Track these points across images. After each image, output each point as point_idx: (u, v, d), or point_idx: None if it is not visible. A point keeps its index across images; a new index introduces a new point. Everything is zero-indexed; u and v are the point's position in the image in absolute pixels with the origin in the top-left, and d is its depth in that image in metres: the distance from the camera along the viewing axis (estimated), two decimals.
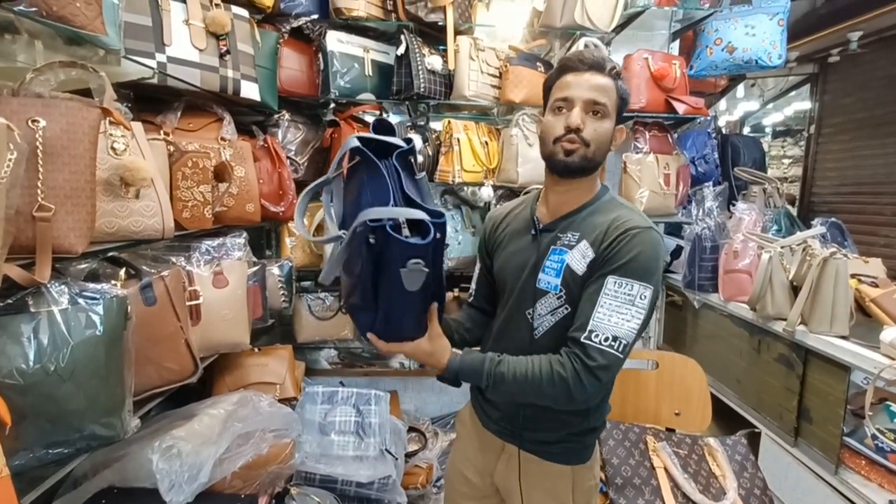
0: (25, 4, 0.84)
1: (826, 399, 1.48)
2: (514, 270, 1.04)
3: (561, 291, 0.95)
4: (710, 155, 2.40)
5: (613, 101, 0.92)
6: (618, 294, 0.86)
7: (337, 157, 0.89)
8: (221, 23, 1.38)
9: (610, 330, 0.85)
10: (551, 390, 0.87)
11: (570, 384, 0.86)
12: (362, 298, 0.87)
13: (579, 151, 0.91)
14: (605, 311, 0.86)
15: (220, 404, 1.37)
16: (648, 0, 1.88)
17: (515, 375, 0.90)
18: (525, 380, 0.89)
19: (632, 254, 0.87)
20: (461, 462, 1.17)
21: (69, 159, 0.86)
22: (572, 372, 0.86)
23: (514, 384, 0.90)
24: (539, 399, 0.91)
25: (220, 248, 1.45)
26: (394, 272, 0.79)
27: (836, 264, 1.48)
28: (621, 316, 0.85)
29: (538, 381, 0.88)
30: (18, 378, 0.80)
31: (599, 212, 0.96)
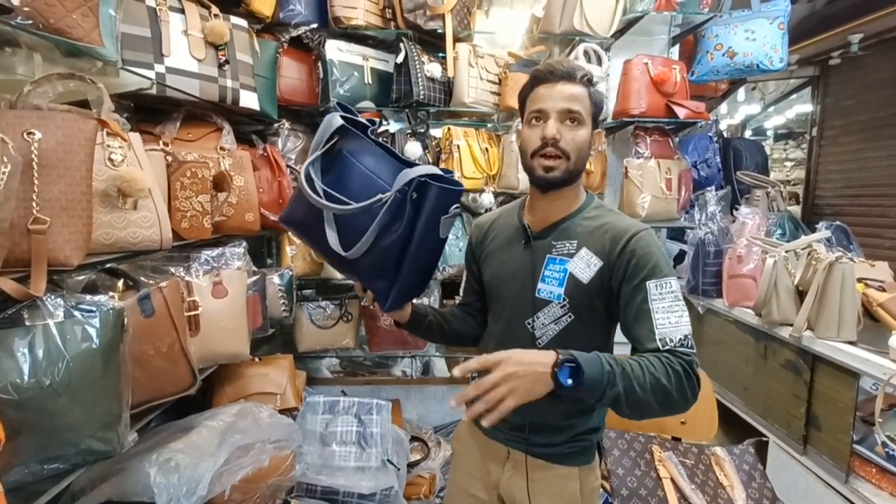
0: (22, 17, 0.84)
1: (835, 406, 1.46)
2: (507, 279, 1.03)
3: (564, 300, 0.94)
4: (712, 159, 2.39)
5: (587, 107, 0.93)
6: (664, 295, 0.86)
7: (320, 136, 0.89)
8: (220, 33, 1.38)
9: (679, 331, 0.85)
10: (668, 383, 0.79)
11: (683, 379, 0.81)
12: (386, 262, 0.89)
13: (560, 167, 0.92)
14: (662, 315, 0.86)
15: (219, 416, 1.36)
16: (647, 5, 1.87)
17: (632, 366, 0.80)
18: (646, 370, 0.79)
19: (652, 255, 0.88)
20: (464, 480, 1.14)
21: (65, 171, 0.85)
22: (681, 367, 0.81)
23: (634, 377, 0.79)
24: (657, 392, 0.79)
25: (220, 257, 1.45)
26: (433, 222, 0.87)
27: (842, 268, 1.46)
28: (674, 314, 0.86)
29: (656, 373, 0.80)
30: (13, 393, 0.79)
31: (590, 218, 0.97)
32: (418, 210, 0.86)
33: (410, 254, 0.89)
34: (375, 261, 0.88)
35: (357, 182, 0.87)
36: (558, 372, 0.76)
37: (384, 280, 0.91)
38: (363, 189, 0.86)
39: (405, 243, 0.88)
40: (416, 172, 0.84)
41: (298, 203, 0.92)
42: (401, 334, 2.09)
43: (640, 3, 1.88)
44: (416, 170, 0.85)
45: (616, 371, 0.78)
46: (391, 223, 0.85)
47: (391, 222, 0.85)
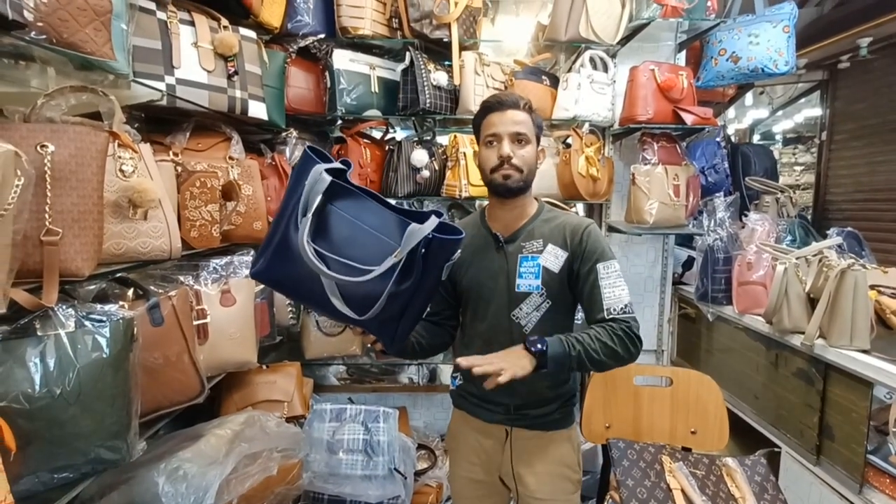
0: (36, 32, 0.86)
1: (848, 415, 1.43)
2: (487, 282, 1.18)
3: (542, 290, 1.14)
4: (720, 165, 2.38)
5: (531, 129, 1.14)
6: (609, 274, 1.09)
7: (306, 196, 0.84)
8: (229, 45, 1.40)
9: (621, 301, 1.07)
10: (613, 343, 1.03)
11: (627, 342, 1.04)
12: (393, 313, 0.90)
13: (515, 177, 1.11)
14: (608, 290, 1.08)
15: (226, 424, 1.36)
16: (653, 12, 1.87)
17: (582, 338, 1.03)
18: (595, 339, 1.03)
19: (599, 243, 1.12)
20: (465, 469, 1.28)
21: (77, 183, 0.87)
22: (623, 332, 1.04)
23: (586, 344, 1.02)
24: (607, 353, 1.03)
25: (228, 266, 1.46)
26: (439, 270, 0.91)
27: (854, 276, 1.44)
28: (618, 287, 1.08)
29: (603, 339, 1.03)
30: (25, 403, 0.80)
31: (547, 220, 1.18)
32: (426, 263, 0.88)
33: (416, 302, 0.92)
34: (381, 313, 0.87)
35: (361, 241, 0.86)
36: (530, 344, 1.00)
37: (389, 327, 0.93)
38: (369, 249, 0.85)
39: (412, 294, 0.89)
40: (426, 230, 0.84)
41: (280, 260, 0.86)
42: None
43: (646, 10, 1.89)
44: (425, 227, 0.84)
45: (574, 346, 1.01)
46: (402, 281, 0.86)
47: (402, 280, 0.86)
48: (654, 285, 2.33)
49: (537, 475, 1.19)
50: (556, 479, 1.20)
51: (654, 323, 2.35)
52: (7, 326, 0.82)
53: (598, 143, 2.06)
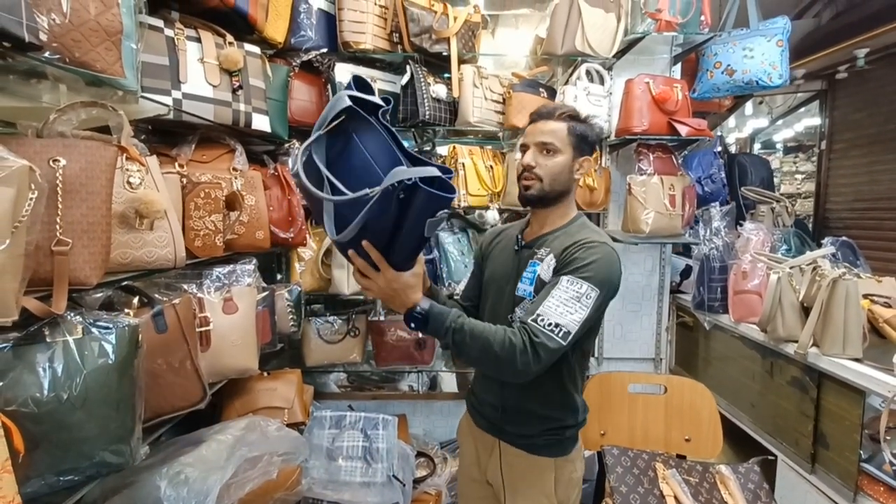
0: (50, 52, 0.90)
1: (842, 424, 1.44)
2: (498, 280, 1.21)
3: (533, 297, 1.09)
4: (716, 174, 2.41)
5: (562, 139, 1.11)
6: (568, 290, 0.99)
7: (325, 114, 0.88)
8: (234, 60, 1.45)
9: (554, 318, 0.97)
10: (501, 352, 0.95)
11: (517, 351, 0.95)
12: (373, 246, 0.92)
13: (535, 186, 1.12)
14: (553, 303, 0.98)
15: (228, 430, 1.38)
16: (648, 26, 1.91)
17: (473, 331, 0.98)
18: (481, 336, 0.97)
19: (586, 260, 1.02)
20: (466, 466, 1.31)
21: (87, 196, 0.90)
22: (520, 342, 0.96)
23: (470, 339, 0.97)
24: (487, 360, 0.98)
25: (231, 274, 1.49)
26: (419, 223, 0.87)
27: (845, 285, 1.46)
28: (567, 308, 0.97)
29: (491, 342, 0.96)
30: (33, 406, 0.82)
31: (569, 234, 1.12)
32: (405, 209, 0.86)
33: (394, 248, 0.92)
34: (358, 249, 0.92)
35: (357, 165, 0.88)
36: (409, 316, 0.99)
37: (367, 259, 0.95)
38: (361, 175, 0.86)
39: (390, 238, 0.91)
40: (407, 174, 0.82)
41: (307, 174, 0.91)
42: (407, 349, 2.11)
43: (641, 24, 1.93)
44: (408, 171, 0.82)
45: (454, 331, 0.97)
46: (378, 217, 0.86)
47: (377, 216, 0.86)
48: (651, 294, 2.35)
49: (516, 494, 1.16)
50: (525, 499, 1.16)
51: (651, 331, 2.36)
52: (18, 333, 0.85)
53: (595, 153, 2.09)
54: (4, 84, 0.99)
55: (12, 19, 0.75)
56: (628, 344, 2.37)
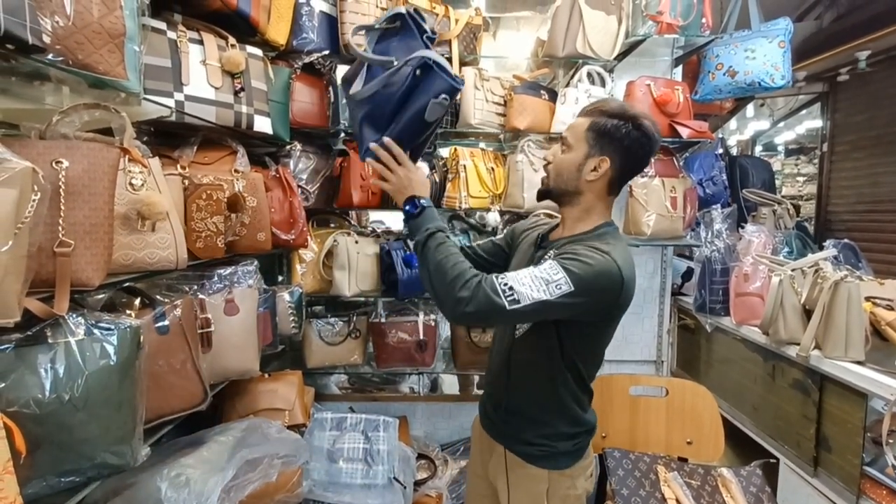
0: (54, 55, 0.91)
1: (844, 427, 1.44)
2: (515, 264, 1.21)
3: None
4: (718, 177, 2.41)
5: (579, 135, 1.06)
6: (544, 271, 0.95)
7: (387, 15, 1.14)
8: (236, 62, 1.45)
9: (515, 283, 0.93)
10: (451, 276, 0.95)
11: (463, 284, 0.94)
12: (379, 117, 1.10)
13: (543, 180, 1.14)
14: (524, 273, 0.95)
15: (228, 431, 1.38)
16: (649, 29, 1.92)
17: (444, 247, 1.00)
18: (448, 256, 0.98)
19: (578, 256, 0.96)
20: (474, 462, 1.33)
21: (89, 197, 0.90)
22: (472, 281, 0.94)
23: (436, 250, 1.00)
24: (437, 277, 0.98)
25: (232, 276, 1.49)
26: (423, 101, 1.05)
27: (847, 287, 1.45)
28: (532, 283, 0.93)
29: (452, 264, 0.97)
30: (35, 408, 0.83)
31: (586, 241, 1.05)
32: (416, 85, 1.05)
33: (399, 119, 1.09)
34: (372, 109, 1.10)
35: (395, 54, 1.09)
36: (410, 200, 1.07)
37: (374, 133, 1.12)
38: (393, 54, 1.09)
39: (398, 106, 1.08)
40: (426, 54, 1.04)
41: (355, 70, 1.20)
42: (408, 351, 2.11)
43: (642, 27, 1.93)
44: (428, 52, 1.05)
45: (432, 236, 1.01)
46: (393, 82, 1.06)
47: (393, 82, 1.05)
48: (653, 296, 2.34)
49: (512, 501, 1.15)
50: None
51: (653, 334, 2.36)
52: (20, 334, 0.85)
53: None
54: (7, 86, 1.00)
55: (16, 22, 0.75)
56: (629, 346, 2.37)
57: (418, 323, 2.10)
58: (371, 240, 2.09)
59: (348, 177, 2.02)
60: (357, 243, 2.02)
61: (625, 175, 1.09)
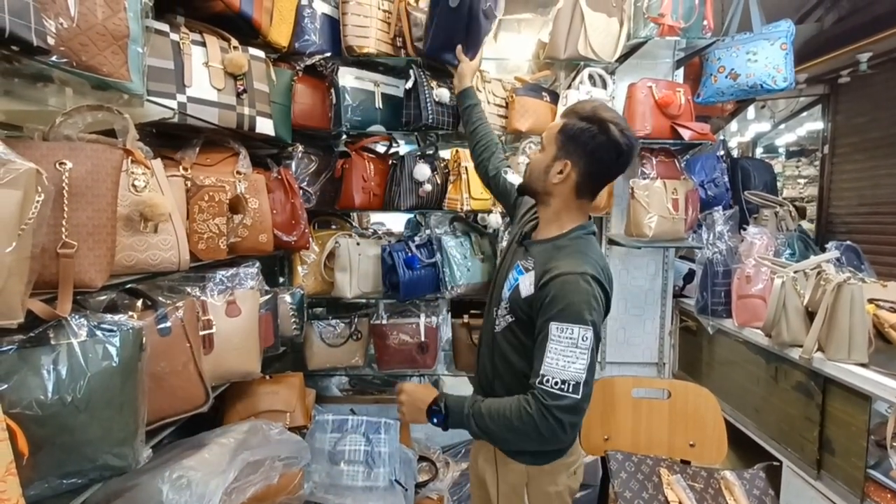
0: (57, 56, 0.91)
1: (848, 429, 1.43)
2: (503, 261, 1.24)
3: (507, 304, 1.12)
4: (719, 179, 2.40)
5: (551, 136, 1.09)
6: (561, 339, 0.96)
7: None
8: (239, 64, 1.45)
9: (558, 374, 0.95)
10: (520, 424, 0.97)
11: (536, 420, 0.95)
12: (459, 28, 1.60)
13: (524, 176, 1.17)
14: (552, 357, 0.96)
15: (230, 433, 1.38)
16: (650, 31, 1.92)
17: (490, 412, 1.01)
18: (499, 416, 0.99)
19: (564, 300, 0.97)
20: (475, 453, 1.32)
21: (93, 198, 0.91)
22: (536, 409, 0.95)
23: (490, 421, 1.00)
24: (514, 436, 1.00)
25: (234, 277, 1.49)
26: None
27: (850, 290, 1.45)
28: (567, 359, 0.95)
29: (510, 418, 0.98)
30: (37, 409, 0.82)
31: (558, 248, 1.08)
32: None
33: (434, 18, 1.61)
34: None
35: None
36: (430, 413, 1.08)
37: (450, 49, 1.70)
38: None
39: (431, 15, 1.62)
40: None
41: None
42: (410, 353, 2.11)
43: (644, 29, 1.93)
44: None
45: (474, 420, 1.01)
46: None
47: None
48: (654, 298, 2.34)
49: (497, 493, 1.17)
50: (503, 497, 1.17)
51: (654, 336, 2.35)
52: (22, 335, 0.85)
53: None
54: (11, 87, 1.00)
55: (21, 23, 0.76)
56: (631, 348, 2.37)
57: (420, 325, 2.10)
58: (372, 241, 2.09)
59: (350, 178, 2.02)
60: (358, 245, 2.02)
61: (592, 180, 1.08)
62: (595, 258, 1.05)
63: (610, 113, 1.05)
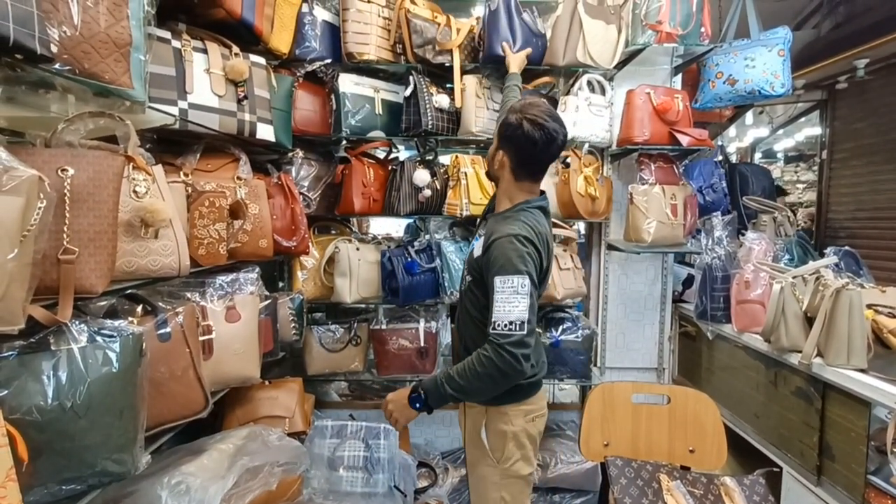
0: (60, 64, 0.92)
1: (847, 435, 1.43)
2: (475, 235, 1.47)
3: (467, 266, 1.36)
4: (718, 184, 2.41)
5: (495, 131, 1.33)
6: (504, 289, 1.14)
7: None
8: (240, 71, 1.47)
9: (506, 317, 1.13)
10: (483, 369, 1.13)
11: (494, 359, 1.12)
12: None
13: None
14: (499, 305, 1.14)
15: (229, 439, 1.38)
16: (648, 38, 1.93)
17: (459, 372, 1.17)
18: (466, 371, 1.15)
19: (502, 256, 1.16)
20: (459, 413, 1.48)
21: (94, 205, 0.91)
22: (492, 350, 1.13)
23: (460, 379, 1.16)
24: (482, 381, 1.15)
25: (234, 283, 1.50)
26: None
27: (849, 295, 1.45)
28: (510, 304, 1.13)
29: (473, 366, 1.15)
30: (37, 415, 0.82)
31: (501, 220, 1.26)
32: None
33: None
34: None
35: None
36: (411, 402, 1.22)
37: None
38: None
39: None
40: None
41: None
42: (409, 358, 2.11)
43: (642, 36, 1.94)
44: None
45: (446, 384, 1.17)
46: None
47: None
48: (654, 303, 2.34)
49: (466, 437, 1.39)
50: (469, 447, 1.36)
51: (654, 341, 2.35)
52: (23, 341, 0.85)
53: (597, 163, 2.11)
54: (14, 94, 1.01)
55: (25, 32, 0.76)
56: (630, 353, 2.37)
57: (419, 330, 2.10)
58: (372, 247, 2.09)
59: (350, 184, 2.03)
60: (358, 250, 2.03)
61: (523, 166, 1.27)
62: (532, 225, 1.23)
63: (536, 109, 1.22)
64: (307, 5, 1.86)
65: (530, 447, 1.31)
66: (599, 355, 2.36)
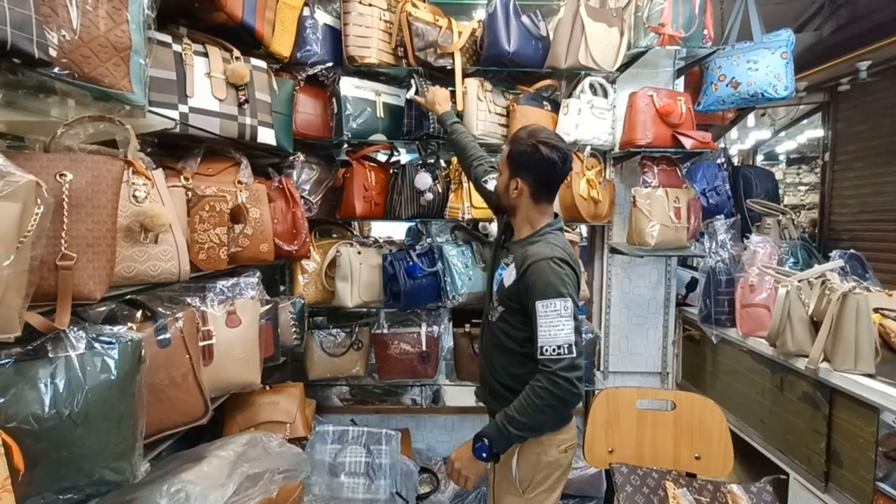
0: (60, 68, 0.91)
1: (855, 441, 1.41)
2: (490, 262, 1.46)
3: (497, 296, 1.33)
4: (721, 187, 2.40)
5: (503, 161, 1.33)
6: (547, 313, 1.15)
7: None
8: (241, 74, 1.46)
9: (553, 342, 1.13)
10: (541, 401, 1.13)
11: (550, 388, 1.12)
12: None
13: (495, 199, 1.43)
14: (544, 330, 1.14)
15: (229, 445, 1.37)
16: (651, 41, 1.92)
17: (515, 408, 1.15)
18: (522, 406, 1.14)
19: (541, 282, 1.16)
20: None
21: (92, 210, 0.90)
22: (546, 378, 1.13)
23: (521, 416, 1.14)
24: (544, 414, 1.14)
25: (234, 287, 1.49)
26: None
27: (856, 299, 1.44)
28: (555, 328, 1.13)
29: (531, 401, 1.13)
30: (34, 423, 0.81)
31: (531, 244, 1.27)
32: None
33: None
34: None
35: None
36: (476, 453, 1.19)
37: None
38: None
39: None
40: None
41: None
42: (411, 363, 2.09)
43: (644, 38, 1.94)
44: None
45: (509, 426, 1.15)
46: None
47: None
48: (657, 307, 2.33)
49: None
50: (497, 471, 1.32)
51: (658, 345, 2.34)
52: (20, 348, 0.84)
53: (599, 166, 2.10)
54: (13, 99, 1.00)
55: (23, 36, 0.75)
56: (634, 358, 2.35)
57: (421, 334, 2.08)
58: (374, 250, 2.08)
59: (351, 187, 2.02)
60: (360, 254, 2.02)
61: (541, 188, 1.29)
62: (561, 246, 1.25)
63: (543, 133, 1.27)
64: (308, 9, 1.85)
65: (559, 478, 1.29)
66: (602, 359, 2.35)
